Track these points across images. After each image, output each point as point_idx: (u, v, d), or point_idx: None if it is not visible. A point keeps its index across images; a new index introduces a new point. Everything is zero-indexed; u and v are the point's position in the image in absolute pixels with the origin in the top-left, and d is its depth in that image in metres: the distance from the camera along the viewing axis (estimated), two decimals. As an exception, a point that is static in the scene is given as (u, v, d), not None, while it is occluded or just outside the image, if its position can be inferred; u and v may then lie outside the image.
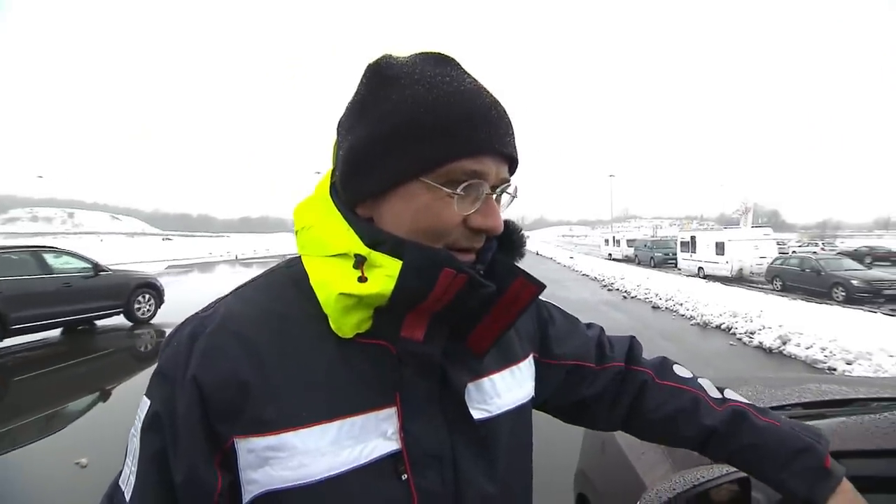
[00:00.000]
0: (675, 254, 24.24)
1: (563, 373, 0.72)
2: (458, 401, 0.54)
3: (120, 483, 0.50)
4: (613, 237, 37.30)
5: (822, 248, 35.43)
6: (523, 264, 0.60)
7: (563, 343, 0.72)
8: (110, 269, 8.78)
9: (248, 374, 0.48)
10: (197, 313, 0.53)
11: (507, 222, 0.59)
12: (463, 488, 0.53)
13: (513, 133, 0.53)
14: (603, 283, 15.77)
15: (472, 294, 0.50)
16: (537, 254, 37.24)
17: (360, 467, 0.49)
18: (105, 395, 4.98)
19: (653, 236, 38.97)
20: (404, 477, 0.50)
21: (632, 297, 12.24)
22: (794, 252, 21.81)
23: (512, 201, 0.57)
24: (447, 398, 0.54)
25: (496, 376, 0.60)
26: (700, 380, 0.76)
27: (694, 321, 8.87)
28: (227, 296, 0.55)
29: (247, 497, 0.48)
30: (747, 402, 0.72)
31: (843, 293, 13.51)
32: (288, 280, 0.55)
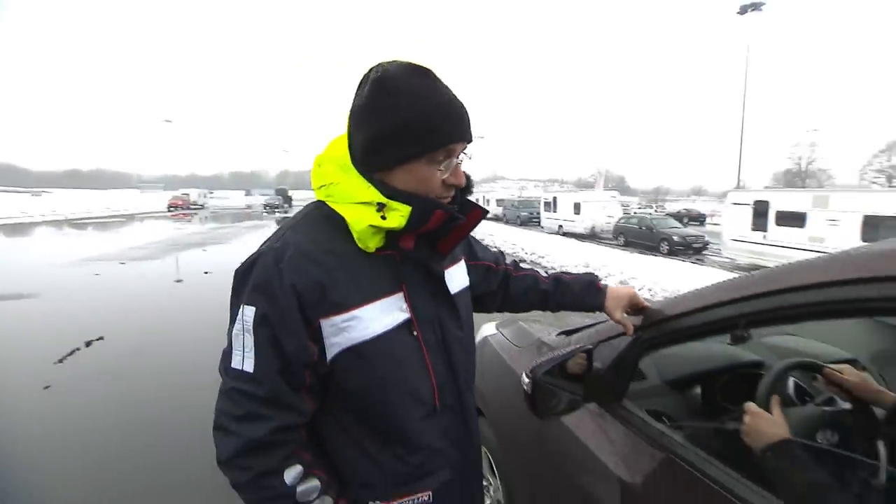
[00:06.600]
0: (540, 213, 26.45)
1: (483, 270, 1.13)
2: (441, 283, 0.86)
3: (234, 366, 0.74)
4: (484, 196, 39.28)
5: (656, 210, 41.73)
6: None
7: (482, 250, 1.16)
8: None
9: (322, 278, 0.74)
10: (271, 244, 0.76)
11: (465, 174, 0.85)
12: (446, 335, 0.87)
13: (469, 121, 0.79)
14: (477, 240, 16.57)
15: (452, 222, 0.81)
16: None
17: (393, 327, 0.79)
18: None
19: (519, 196, 41.87)
20: (415, 333, 0.81)
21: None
22: (634, 213, 25.27)
23: (469, 158, 0.82)
24: (432, 282, 0.85)
25: (451, 269, 0.93)
26: (523, 264, 1.25)
27: (553, 272, 9.89)
28: (286, 231, 0.79)
29: (330, 354, 0.76)
30: (558, 271, 1.23)
31: (667, 246, 16.20)
32: (322, 217, 0.80)
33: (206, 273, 9.11)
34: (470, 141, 0.80)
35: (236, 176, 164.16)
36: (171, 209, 41.93)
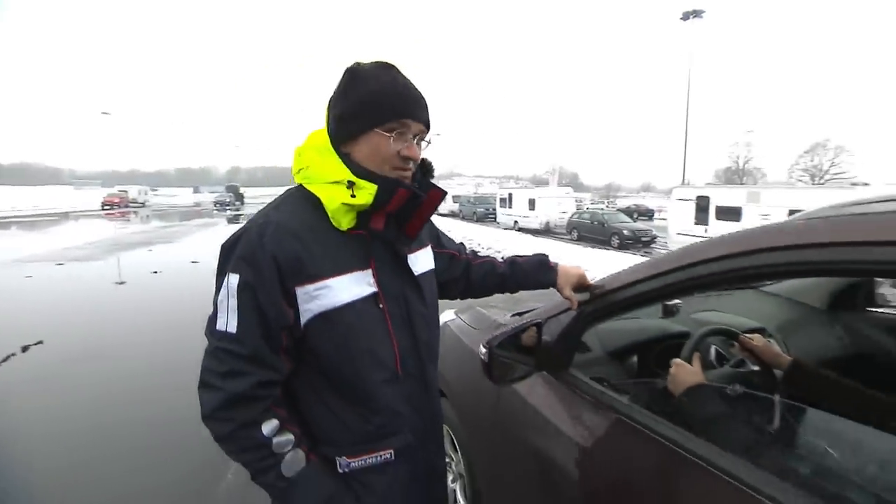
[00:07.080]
0: (495, 209, 26.86)
1: (447, 258, 1.25)
2: (405, 263, 0.97)
3: (219, 328, 0.84)
4: (443, 194, 39.16)
5: (608, 206, 43.33)
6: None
7: (447, 241, 1.28)
8: None
9: (300, 252, 0.84)
10: (255, 221, 0.86)
11: (423, 159, 0.99)
12: (410, 310, 0.97)
13: (425, 106, 0.92)
14: (435, 236, 16.68)
15: (413, 200, 0.91)
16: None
17: (360, 298, 0.89)
18: None
19: (475, 193, 42.34)
20: (381, 306, 0.91)
21: (460, 249, 13.30)
22: (587, 208, 26.14)
23: (428, 145, 0.95)
24: (398, 262, 0.96)
25: (418, 252, 1.04)
26: (480, 252, 1.39)
27: (507, 256, 10.17)
28: (269, 211, 0.89)
29: (304, 319, 0.86)
30: (512, 255, 1.37)
31: (618, 240, 16.95)
32: (301, 198, 0.90)
33: (154, 273, 8.73)
34: (425, 123, 0.91)
35: (183, 172, 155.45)
36: (106, 207, 38.61)
